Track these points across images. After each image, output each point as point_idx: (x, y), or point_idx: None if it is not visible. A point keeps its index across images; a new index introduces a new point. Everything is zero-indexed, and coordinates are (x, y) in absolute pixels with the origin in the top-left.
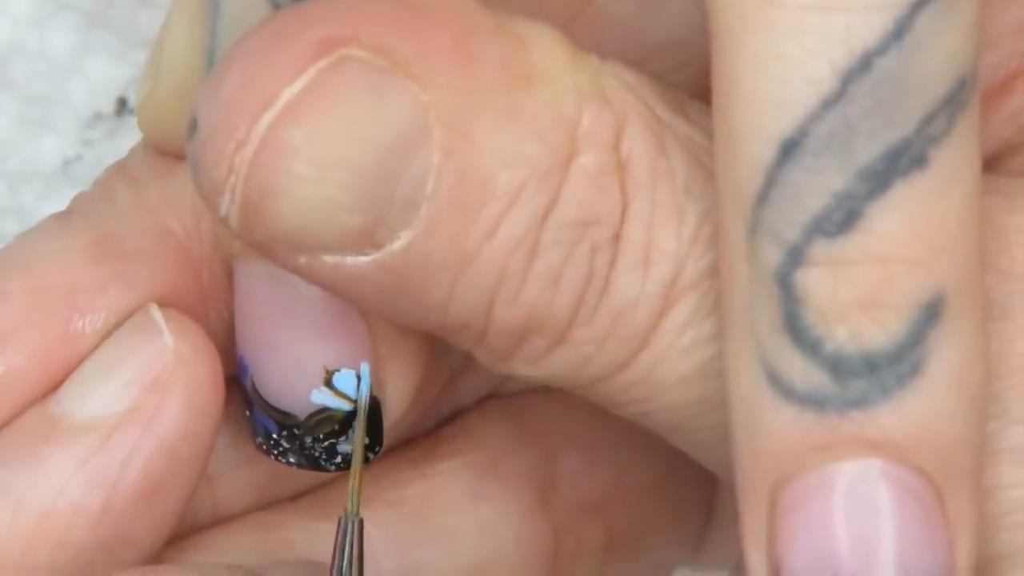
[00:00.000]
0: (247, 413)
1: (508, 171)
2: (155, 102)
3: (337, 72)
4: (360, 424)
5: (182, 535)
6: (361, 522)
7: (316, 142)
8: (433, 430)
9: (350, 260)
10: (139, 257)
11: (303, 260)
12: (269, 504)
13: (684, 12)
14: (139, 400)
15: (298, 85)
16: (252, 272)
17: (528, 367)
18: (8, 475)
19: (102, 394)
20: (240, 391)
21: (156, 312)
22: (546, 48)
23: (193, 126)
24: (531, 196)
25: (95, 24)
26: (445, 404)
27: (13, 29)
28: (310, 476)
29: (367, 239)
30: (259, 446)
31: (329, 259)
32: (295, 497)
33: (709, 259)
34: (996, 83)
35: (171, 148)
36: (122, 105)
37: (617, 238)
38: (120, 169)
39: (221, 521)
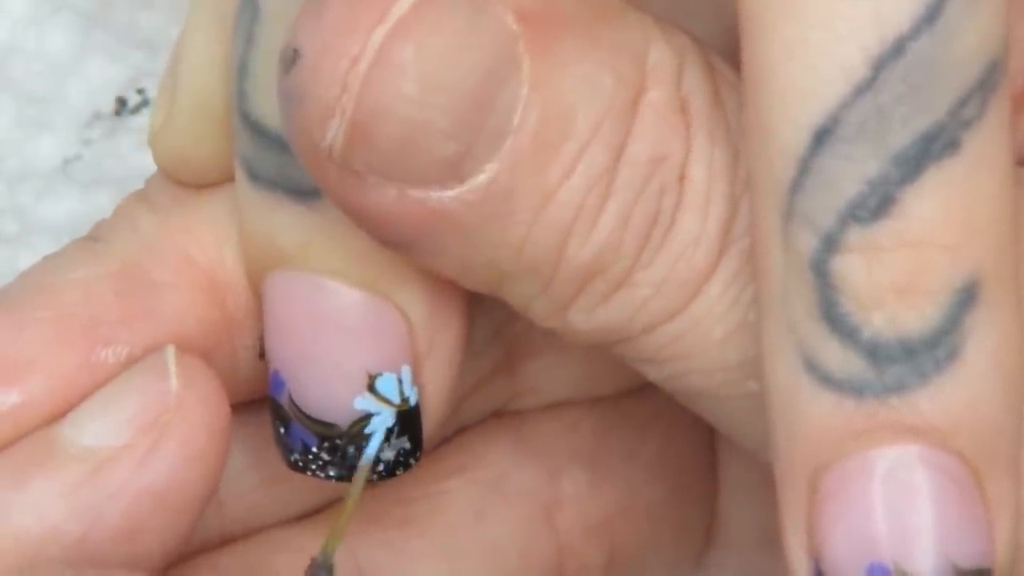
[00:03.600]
0: (281, 431)
1: (587, 106)
2: (172, 132)
3: None
4: (357, 480)
5: (188, 555)
6: (332, 567)
7: (424, 59)
8: (437, 448)
9: (434, 195)
10: (164, 289)
11: (392, 193)
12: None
13: (705, 20)
14: (133, 439)
15: (408, 1)
16: (287, 281)
17: (583, 316)
18: None
19: (100, 426)
20: (273, 409)
21: (170, 354)
22: None
23: (293, 56)
24: (608, 132)
25: (94, 24)
26: (450, 423)
27: (12, 29)
28: (316, 498)
29: (455, 171)
30: (294, 463)
31: (415, 193)
32: (301, 517)
33: None
34: (1015, 94)
35: (193, 179)
36: (121, 105)
37: (682, 178)
38: (141, 197)
39: (228, 541)
